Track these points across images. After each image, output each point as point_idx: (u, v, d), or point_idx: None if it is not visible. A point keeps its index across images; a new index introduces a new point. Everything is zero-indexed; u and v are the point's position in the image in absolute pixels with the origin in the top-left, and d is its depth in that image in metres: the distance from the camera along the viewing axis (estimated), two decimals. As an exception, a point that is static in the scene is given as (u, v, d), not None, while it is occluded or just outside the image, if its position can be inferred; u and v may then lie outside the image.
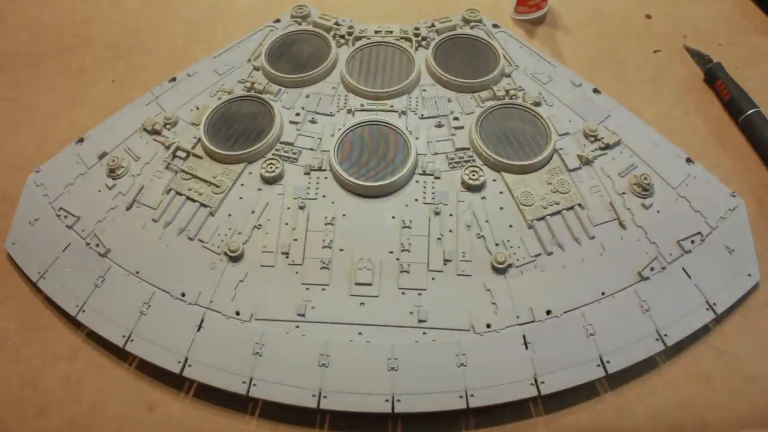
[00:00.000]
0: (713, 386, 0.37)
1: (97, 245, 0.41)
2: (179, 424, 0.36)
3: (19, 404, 0.37)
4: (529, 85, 0.49)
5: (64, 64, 0.55)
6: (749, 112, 0.48)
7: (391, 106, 0.48)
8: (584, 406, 0.36)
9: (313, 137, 0.46)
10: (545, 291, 0.39)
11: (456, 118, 0.47)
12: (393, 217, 0.42)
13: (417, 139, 0.45)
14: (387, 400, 0.35)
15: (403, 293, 0.39)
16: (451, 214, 0.42)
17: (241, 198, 0.43)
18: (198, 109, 0.48)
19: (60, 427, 0.36)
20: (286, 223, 0.42)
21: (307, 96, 0.49)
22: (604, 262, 0.40)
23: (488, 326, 0.37)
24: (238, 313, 0.38)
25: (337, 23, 0.54)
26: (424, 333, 0.37)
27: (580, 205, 0.42)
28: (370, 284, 0.39)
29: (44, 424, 0.36)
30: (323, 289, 0.39)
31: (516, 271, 0.39)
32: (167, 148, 0.46)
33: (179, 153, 0.45)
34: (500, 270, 0.39)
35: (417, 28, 0.53)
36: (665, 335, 0.37)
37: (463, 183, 0.43)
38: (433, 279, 0.39)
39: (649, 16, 0.58)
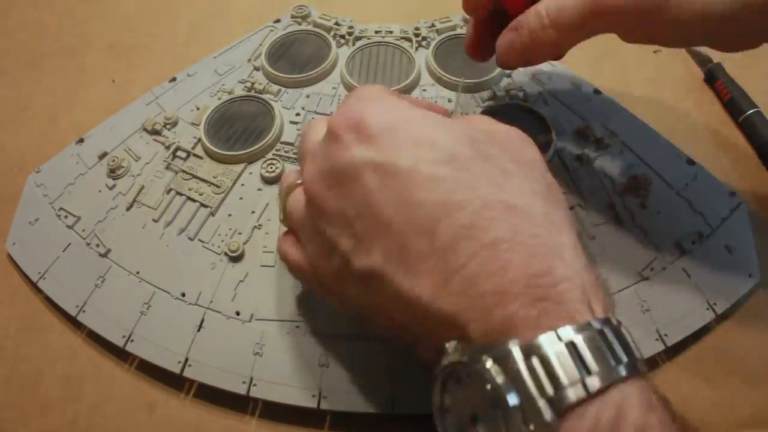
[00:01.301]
0: (713, 386, 0.37)
1: (98, 245, 0.41)
2: (179, 424, 0.36)
3: (19, 404, 0.37)
4: (529, 85, 0.49)
5: (64, 64, 0.55)
6: (749, 112, 0.48)
7: (392, 106, 0.48)
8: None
9: (314, 137, 0.46)
10: (545, 291, 0.38)
11: (456, 118, 0.47)
12: (393, 217, 0.42)
13: (417, 139, 0.45)
14: (387, 401, 0.35)
15: (404, 293, 0.39)
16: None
17: (241, 198, 0.43)
18: (198, 109, 0.48)
19: (60, 427, 0.36)
20: (287, 223, 0.42)
21: (308, 96, 0.49)
22: (604, 262, 0.40)
23: (488, 326, 0.37)
24: (238, 313, 0.38)
25: (337, 23, 0.54)
26: (425, 333, 0.37)
27: (580, 205, 0.42)
28: (370, 284, 0.39)
29: (44, 424, 0.36)
30: (323, 289, 0.39)
31: (516, 271, 0.39)
32: (167, 148, 0.46)
33: (179, 153, 0.45)
34: (500, 270, 0.39)
35: (417, 28, 0.53)
36: (665, 335, 0.37)
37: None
38: (433, 279, 0.39)
39: (649, 16, 0.58)
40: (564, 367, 0.21)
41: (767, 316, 0.39)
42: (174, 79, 0.51)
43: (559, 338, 0.21)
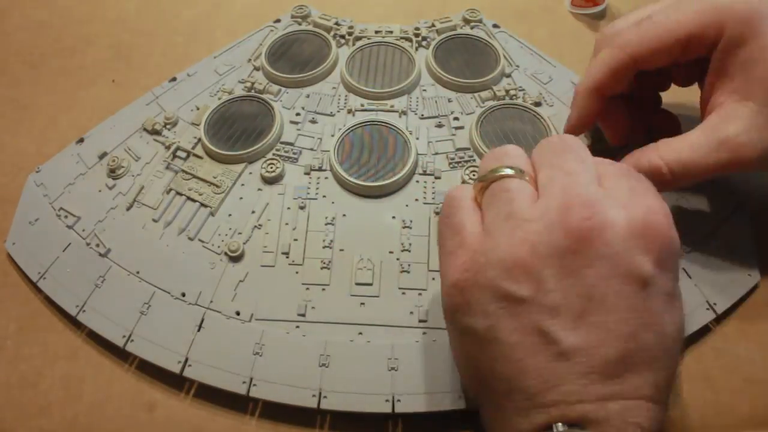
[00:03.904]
0: (713, 386, 0.37)
1: (98, 245, 0.41)
2: (179, 424, 0.36)
3: (19, 404, 0.37)
4: (529, 85, 0.49)
5: (64, 64, 0.55)
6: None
7: (392, 106, 0.48)
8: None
9: (314, 137, 0.46)
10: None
11: (456, 118, 0.47)
12: (393, 217, 0.42)
13: (417, 139, 0.46)
14: (387, 400, 0.35)
15: (404, 293, 0.39)
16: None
17: (241, 198, 0.43)
18: (198, 109, 0.48)
19: (60, 427, 0.36)
20: (287, 223, 0.42)
21: (308, 96, 0.49)
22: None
23: (488, 326, 0.37)
24: (238, 313, 0.38)
25: (337, 23, 0.54)
26: (425, 333, 0.37)
27: (580, 205, 0.42)
28: (370, 284, 0.39)
29: (44, 424, 0.36)
30: (323, 289, 0.39)
31: (516, 271, 0.39)
32: (167, 148, 0.46)
33: (179, 153, 0.45)
34: (500, 270, 0.39)
35: (417, 28, 0.53)
36: (665, 335, 0.37)
37: (464, 183, 0.43)
38: (433, 279, 0.39)
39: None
40: None
41: (767, 316, 0.39)
42: (174, 79, 0.51)
43: None
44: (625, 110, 0.41)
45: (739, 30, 0.33)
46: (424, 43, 0.52)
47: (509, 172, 0.28)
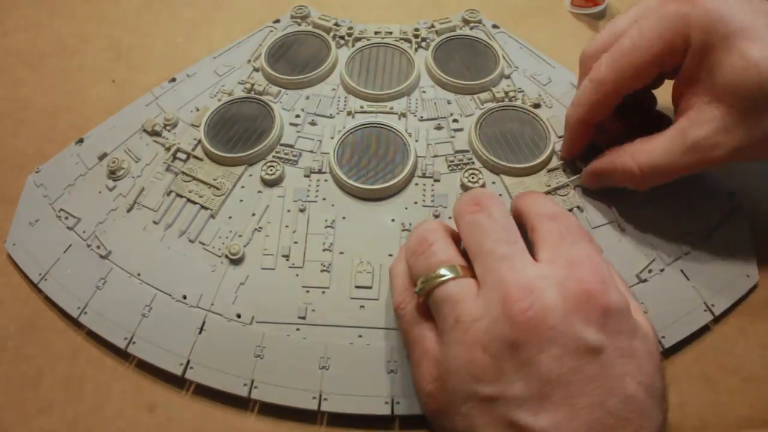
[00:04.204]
0: (713, 386, 0.37)
1: (98, 247, 0.41)
2: (179, 424, 0.36)
3: (19, 404, 0.37)
4: (528, 87, 0.49)
5: (64, 64, 0.55)
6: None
7: (391, 108, 0.48)
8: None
9: (313, 139, 0.46)
10: (545, 293, 0.38)
11: (455, 120, 0.47)
12: (393, 220, 0.42)
13: (416, 141, 0.46)
14: (386, 403, 0.35)
15: (403, 295, 0.39)
16: (450, 217, 0.42)
17: (241, 200, 0.43)
18: (198, 110, 0.48)
19: (60, 427, 0.36)
20: (287, 226, 0.42)
21: (307, 97, 0.49)
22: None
23: (488, 328, 0.37)
24: (239, 316, 0.38)
25: (336, 24, 0.54)
26: (424, 335, 0.37)
27: (579, 207, 0.42)
28: (370, 287, 0.39)
29: (44, 424, 0.36)
30: (323, 292, 0.39)
31: (515, 273, 0.39)
32: (167, 149, 0.46)
33: (179, 155, 0.45)
34: (500, 272, 0.39)
35: (416, 29, 0.53)
36: (663, 337, 0.37)
37: (463, 185, 0.43)
38: (433, 281, 0.39)
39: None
40: None
41: (766, 317, 0.40)
42: (174, 80, 0.51)
43: None
44: (623, 129, 0.41)
45: (702, 38, 0.34)
46: (423, 44, 0.52)
47: (444, 276, 0.30)
